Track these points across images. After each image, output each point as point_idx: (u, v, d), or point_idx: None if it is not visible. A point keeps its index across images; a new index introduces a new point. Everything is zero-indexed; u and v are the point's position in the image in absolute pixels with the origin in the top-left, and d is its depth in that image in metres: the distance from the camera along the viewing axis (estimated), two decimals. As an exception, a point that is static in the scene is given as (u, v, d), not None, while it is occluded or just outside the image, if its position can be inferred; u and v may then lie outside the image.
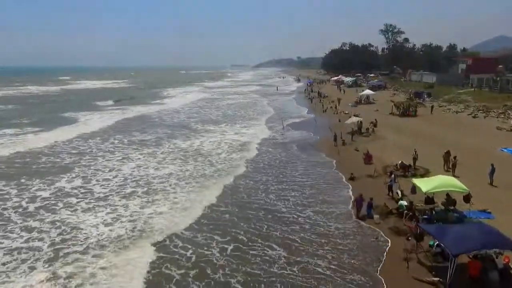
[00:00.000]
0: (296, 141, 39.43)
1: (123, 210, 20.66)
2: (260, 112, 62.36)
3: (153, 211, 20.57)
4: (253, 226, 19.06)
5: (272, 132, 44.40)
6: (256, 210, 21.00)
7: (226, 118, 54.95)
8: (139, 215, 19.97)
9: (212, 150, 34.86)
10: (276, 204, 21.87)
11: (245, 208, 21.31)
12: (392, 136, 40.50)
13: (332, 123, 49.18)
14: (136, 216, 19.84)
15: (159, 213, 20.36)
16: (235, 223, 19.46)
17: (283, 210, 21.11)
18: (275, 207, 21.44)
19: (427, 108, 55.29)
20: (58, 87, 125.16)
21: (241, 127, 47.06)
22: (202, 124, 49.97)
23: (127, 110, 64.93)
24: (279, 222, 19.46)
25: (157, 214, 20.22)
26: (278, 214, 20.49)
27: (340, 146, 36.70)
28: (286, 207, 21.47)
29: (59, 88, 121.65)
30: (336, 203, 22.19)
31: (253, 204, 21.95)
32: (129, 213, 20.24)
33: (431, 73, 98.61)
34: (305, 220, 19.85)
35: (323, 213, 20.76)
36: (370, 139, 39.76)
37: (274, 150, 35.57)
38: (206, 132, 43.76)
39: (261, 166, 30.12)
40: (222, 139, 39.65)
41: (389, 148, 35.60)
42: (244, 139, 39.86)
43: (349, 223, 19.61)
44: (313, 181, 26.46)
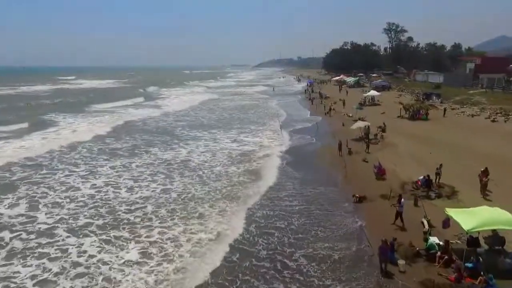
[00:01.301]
0: (294, 149, 34.24)
1: (63, 259, 14.99)
2: (270, 115, 57.07)
3: (110, 259, 14.91)
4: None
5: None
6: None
7: (232, 123, 49.17)
8: (87, 269, 14.14)
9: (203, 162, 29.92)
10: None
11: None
12: (403, 143, 35.33)
13: (335, 128, 44.02)
14: (81, 270, 14.09)
15: (121, 264, 14.53)
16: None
17: (262, 254, 15.62)
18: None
19: (439, 111, 50.02)
20: (53, 87, 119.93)
21: (249, 135, 40.65)
22: (209, 129, 44.62)
23: (122, 114, 57.98)
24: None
25: (117, 268, 14.24)
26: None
27: (346, 156, 31.54)
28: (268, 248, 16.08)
29: (53, 88, 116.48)
30: (343, 240, 16.94)
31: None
32: (71, 263, 14.61)
33: (438, 73, 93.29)
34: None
35: (323, 260, 15.29)
36: (379, 147, 34.60)
37: (269, 159, 30.53)
38: (205, 140, 38.70)
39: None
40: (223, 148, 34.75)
41: (402, 158, 30.44)
42: (246, 148, 35.12)
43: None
44: (308, 204, 21.18)
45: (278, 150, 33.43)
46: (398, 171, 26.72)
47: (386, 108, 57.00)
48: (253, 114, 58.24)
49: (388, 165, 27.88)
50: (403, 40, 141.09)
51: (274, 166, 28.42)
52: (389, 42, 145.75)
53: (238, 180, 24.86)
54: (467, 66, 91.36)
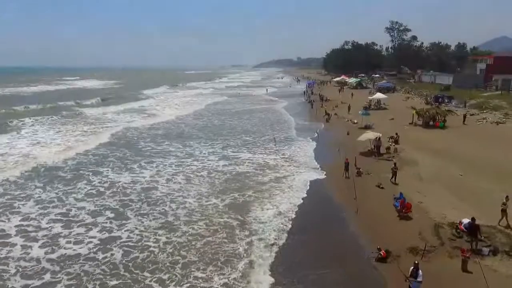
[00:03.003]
0: (290, 166, 27.50)
1: None
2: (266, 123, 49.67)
3: None
4: None
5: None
6: None
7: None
8: None
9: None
10: None
11: None
12: (424, 160, 28.67)
13: (338, 138, 37.27)
14: None
15: None
16: None
17: None
18: None
19: (457, 117, 43.14)
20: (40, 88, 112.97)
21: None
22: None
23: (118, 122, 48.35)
24: None
25: None
26: None
27: (354, 178, 24.85)
28: None
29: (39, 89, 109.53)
30: None
31: None
32: None
33: (446, 74, 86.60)
34: None
35: None
36: (392, 164, 27.83)
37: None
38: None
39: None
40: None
41: (427, 182, 23.72)
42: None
43: None
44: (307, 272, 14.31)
45: (273, 165, 26.82)
46: (427, 205, 20.02)
47: (395, 113, 50.30)
48: (246, 121, 51.39)
49: (411, 194, 21.26)
50: (406, 39, 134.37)
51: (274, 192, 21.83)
52: (391, 41, 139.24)
53: (220, 222, 18.03)
54: (477, 66, 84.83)
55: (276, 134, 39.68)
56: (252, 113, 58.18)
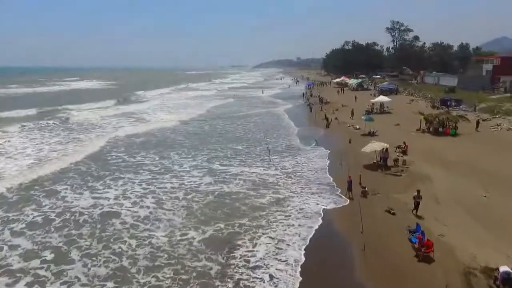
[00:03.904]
0: (284, 188, 23.43)
1: None
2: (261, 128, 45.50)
3: None
4: None
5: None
6: None
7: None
8: None
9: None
10: None
11: None
12: (438, 176, 24.68)
13: (339, 147, 33.23)
14: None
15: None
16: None
17: None
18: None
19: (467, 123, 38.90)
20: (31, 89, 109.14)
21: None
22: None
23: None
24: None
25: None
26: None
27: (359, 199, 20.88)
28: None
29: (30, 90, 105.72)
30: None
31: None
32: None
33: (451, 75, 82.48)
34: None
35: None
36: (405, 183, 23.87)
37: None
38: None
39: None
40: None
41: (446, 208, 19.73)
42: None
43: None
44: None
45: (268, 180, 22.73)
46: (450, 239, 16.06)
47: (400, 118, 46.24)
48: (240, 126, 47.35)
49: (429, 222, 17.42)
50: (408, 40, 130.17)
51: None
52: (392, 41, 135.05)
53: (195, 268, 13.87)
54: (483, 67, 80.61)
55: (275, 141, 35.75)
56: (247, 117, 54.12)
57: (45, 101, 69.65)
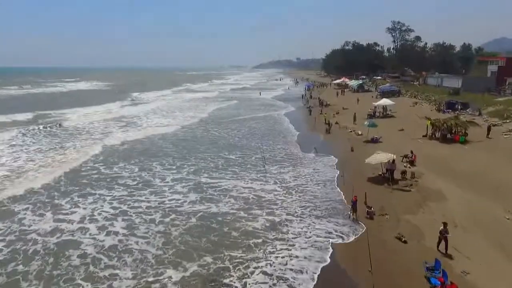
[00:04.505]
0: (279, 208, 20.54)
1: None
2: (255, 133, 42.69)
3: None
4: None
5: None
6: None
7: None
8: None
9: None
10: None
11: None
12: (451, 190, 21.97)
13: (341, 156, 30.31)
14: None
15: None
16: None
17: None
18: None
19: (478, 129, 35.94)
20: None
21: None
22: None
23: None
24: None
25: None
26: None
27: (364, 221, 18.11)
28: None
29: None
30: None
31: None
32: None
33: (455, 76, 79.54)
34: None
35: None
36: (415, 200, 21.06)
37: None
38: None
39: None
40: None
41: (465, 233, 16.89)
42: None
43: None
44: None
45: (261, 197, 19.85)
46: (476, 277, 13.26)
47: (404, 122, 43.35)
48: (235, 131, 44.45)
49: (450, 257, 14.50)
50: (409, 40, 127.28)
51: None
52: (393, 42, 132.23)
53: None
54: (488, 68, 77.64)
55: (272, 148, 32.93)
56: (243, 121, 51.26)
57: (36, 104, 66.89)
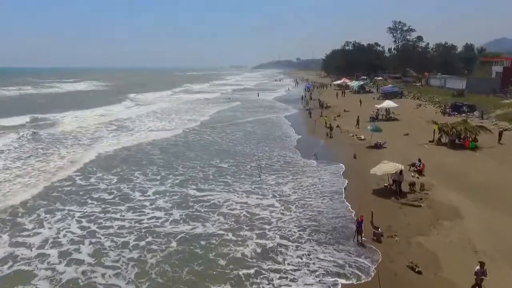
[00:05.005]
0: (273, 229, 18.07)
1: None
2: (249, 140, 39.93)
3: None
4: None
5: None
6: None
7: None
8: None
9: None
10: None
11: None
12: (466, 205, 19.69)
13: (343, 164, 27.79)
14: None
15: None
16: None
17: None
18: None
19: (489, 134, 33.32)
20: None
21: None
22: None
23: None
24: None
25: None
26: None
27: (373, 243, 15.75)
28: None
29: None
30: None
31: None
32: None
33: (459, 77, 77.04)
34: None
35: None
36: (424, 215, 18.64)
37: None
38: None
39: None
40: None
41: (488, 260, 14.35)
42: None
43: None
44: None
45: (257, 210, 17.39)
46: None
47: (408, 126, 40.95)
48: (229, 136, 41.98)
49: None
50: (411, 40, 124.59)
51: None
52: (394, 42, 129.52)
53: None
54: (492, 69, 75.11)
55: (269, 154, 30.52)
56: (239, 125, 48.84)
57: (30, 106, 64.25)
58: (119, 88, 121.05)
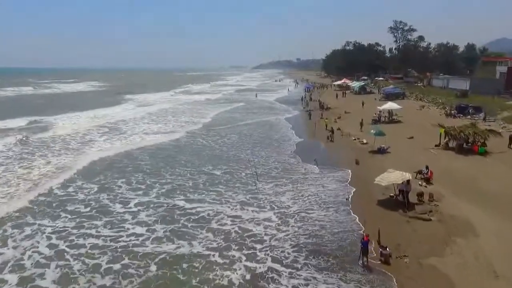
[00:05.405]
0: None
1: None
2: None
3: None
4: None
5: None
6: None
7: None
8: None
9: None
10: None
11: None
12: (480, 219, 17.82)
13: (345, 171, 25.82)
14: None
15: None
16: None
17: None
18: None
19: (499, 138, 31.24)
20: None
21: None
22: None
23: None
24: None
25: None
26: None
27: (381, 266, 13.84)
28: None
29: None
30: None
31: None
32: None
33: (462, 77, 75.01)
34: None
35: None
36: (436, 231, 16.73)
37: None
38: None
39: None
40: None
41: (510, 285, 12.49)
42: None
43: None
44: None
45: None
46: None
47: (413, 129, 38.99)
48: (223, 139, 40.08)
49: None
50: (412, 40, 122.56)
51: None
52: (395, 41, 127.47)
53: None
54: (496, 69, 73.04)
55: (266, 160, 28.59)
56: (236, 127, 46.91)
57: (25, 108, 62.29)
58: (118, 88, 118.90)
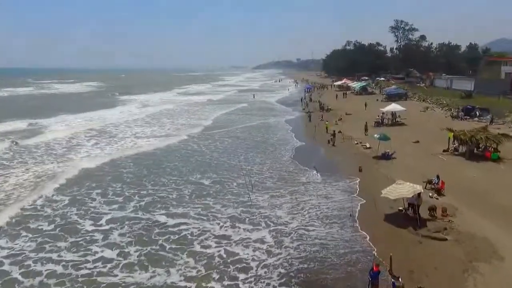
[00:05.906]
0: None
1: None
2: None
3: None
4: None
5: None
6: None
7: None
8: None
9: None
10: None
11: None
12: (505, 240, 15.18)
13: (347, 180, 23.39)
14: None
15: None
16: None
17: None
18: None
19: (510, 142, 28.81)
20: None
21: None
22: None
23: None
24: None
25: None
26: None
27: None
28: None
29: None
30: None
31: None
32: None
33: (466, 78, 72.56)
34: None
35: None
36: (453, 254, 14.35)
37: None
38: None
39: None
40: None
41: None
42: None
43: None
44: None
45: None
46: None
47: (417, 132, 36.62)
48: (216, 143, 37.67)
49: None
50: (413, 40, 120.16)
51: None
52: (396, 41, 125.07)
53: None
54: (502, 69, 70.52)
55: (260, 167, 26.18)
56: (234, 131, 44.55)
57: (19, 110, 59.88)
58: (118, 89, 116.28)
